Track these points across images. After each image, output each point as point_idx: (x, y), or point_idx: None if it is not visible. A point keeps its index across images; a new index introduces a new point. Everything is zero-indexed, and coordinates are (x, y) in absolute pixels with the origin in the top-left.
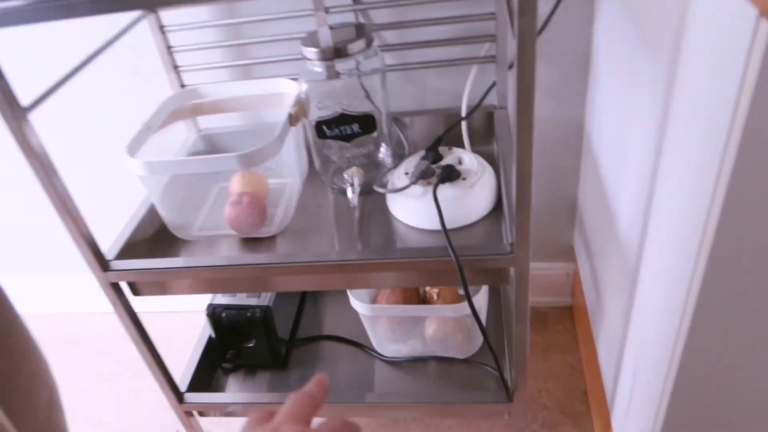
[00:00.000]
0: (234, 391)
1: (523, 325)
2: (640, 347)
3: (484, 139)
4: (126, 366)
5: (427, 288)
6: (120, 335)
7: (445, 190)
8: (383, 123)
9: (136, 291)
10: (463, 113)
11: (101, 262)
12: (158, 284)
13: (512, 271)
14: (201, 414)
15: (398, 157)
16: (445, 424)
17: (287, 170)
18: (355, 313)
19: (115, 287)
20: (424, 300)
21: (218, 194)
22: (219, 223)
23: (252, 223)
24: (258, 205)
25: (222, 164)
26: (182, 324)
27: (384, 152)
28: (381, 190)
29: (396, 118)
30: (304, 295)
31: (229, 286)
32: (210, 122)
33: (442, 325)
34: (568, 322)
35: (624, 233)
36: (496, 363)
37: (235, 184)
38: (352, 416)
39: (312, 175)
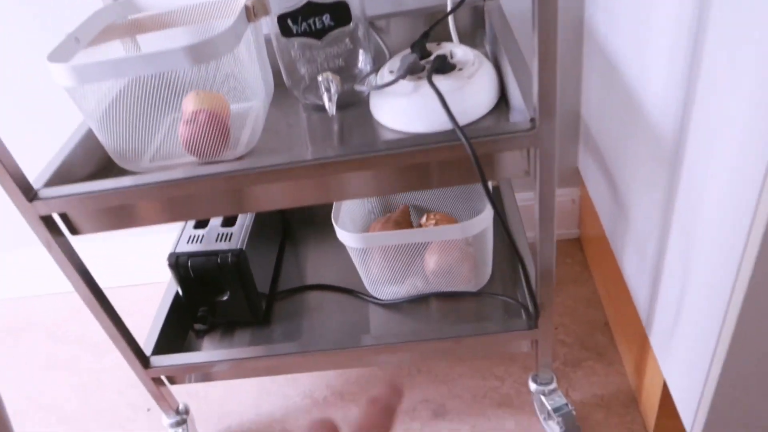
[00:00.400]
0: (209, 349)
1: (549, 224)
2: (689, 254)
3: (473, 38)
4: (84, 348)
5: (422, 221)
6: (73, 316)
7: (441, 82)
8: (360, 24)
9: (73, 228)
10: (449, 7)
11: (26, 192)
12: (101, 214)
13: (535, 155)
14: (172, 381)
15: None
16: (455, 373)
17: (251, 88)
18: (342, 259)
19: (48, 223)
20: None
21: (173, 124)
22: (176, 151)
23: (212, 142)
24: (218, 122)
25: (167, 61)
26: (143, 297)
27: (362, 59)
28: (363, 89)
29: (370, 22)
30: (282, 245)
31: (193, 209)
32: (154, 43)
33: (445, 256)
34: (578, 255)
35: (656, 126)
36: (524, 272)
37: (189, 104)
38: (346, 365)
39: (281, 95)
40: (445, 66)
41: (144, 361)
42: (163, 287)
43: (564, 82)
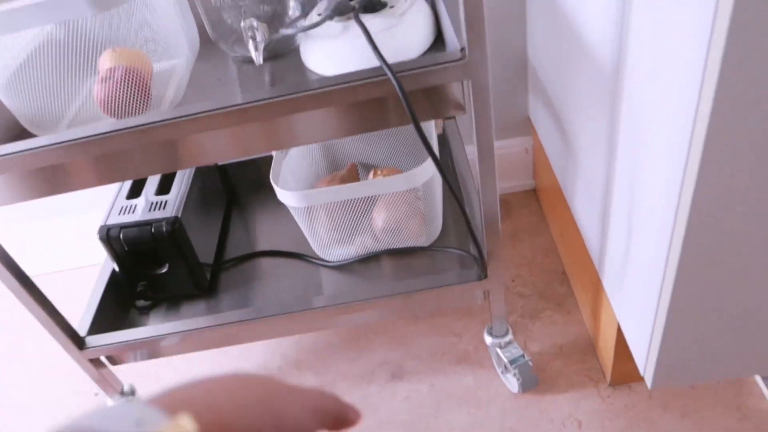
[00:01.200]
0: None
1: (490, 163)
2: (632, 194)
3: None
4: (26, 335)
5: (369, 177)
6: (12, 303)
7: (370, 21)
8: None
9: None
10: None
11: None
12: (16, 182)
13: (467, 88)
14: (114, 361)
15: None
16: (412, 332)
17: (172, 42)
18: (292, 223)
19: None
20: None
21: (92, 89)
22: (96, 116)
23: (131, 100)
24: (136, 78)
25: (65, 9)
26: (86, 281)
27: (292, 5)
28: (289, 31)
29: None
30: (228, 212)
31: (124, 168)
32: None
33: (393, 212)
34: (534, 205)
35: (596, 60)
36: (466, 221)
37: (105, 62)
38: (298, 330)
39: (209, 50)
40: (374, 4)
41: (78, 341)
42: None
43: (510, 25)
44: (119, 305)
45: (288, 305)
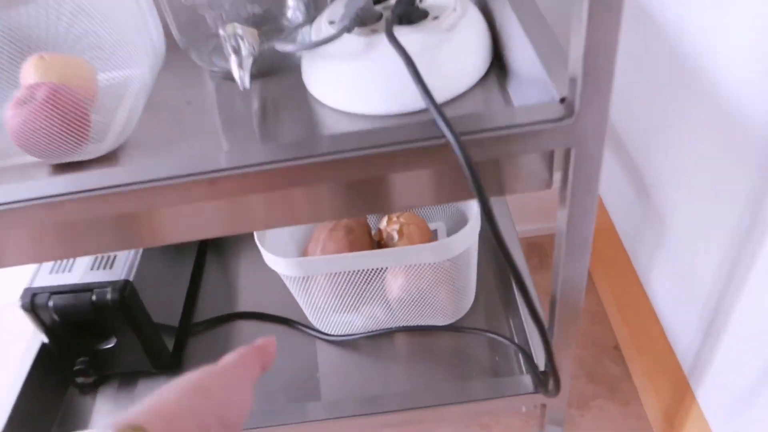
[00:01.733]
0: (103, 414)
1: (581, 263)
2: None
3: None
4: None
5: (382, 225)
6: None
7: (406, 37)
8: None
9: None
10: None
11: None
12: None
13: (565, 156)
14: None
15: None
16: (430, 421)
17: (125, 51)
18: (279, 276)
19: None
20: (379, 243)
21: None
22: (10, 147)
23: (56, 133)
24: (66, 101)
25: None
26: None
27: (291, 5)
28: (289, 48)
29: None
30: (200, 258)
31: (53, 247)
32: None
33: (414, 279)
34: None
35: (743, 139)
36: (540, 330)
37: (28, 75)
38: None
39: (177, 58)
40: (412, 13)
41: None
42: None
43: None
44: (53, 384)
45: (276, 409)
